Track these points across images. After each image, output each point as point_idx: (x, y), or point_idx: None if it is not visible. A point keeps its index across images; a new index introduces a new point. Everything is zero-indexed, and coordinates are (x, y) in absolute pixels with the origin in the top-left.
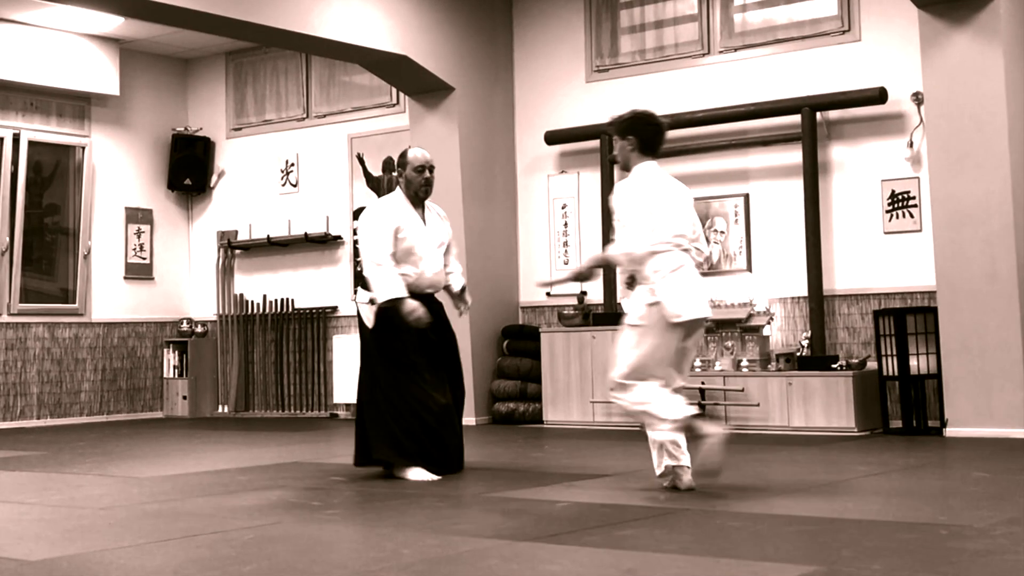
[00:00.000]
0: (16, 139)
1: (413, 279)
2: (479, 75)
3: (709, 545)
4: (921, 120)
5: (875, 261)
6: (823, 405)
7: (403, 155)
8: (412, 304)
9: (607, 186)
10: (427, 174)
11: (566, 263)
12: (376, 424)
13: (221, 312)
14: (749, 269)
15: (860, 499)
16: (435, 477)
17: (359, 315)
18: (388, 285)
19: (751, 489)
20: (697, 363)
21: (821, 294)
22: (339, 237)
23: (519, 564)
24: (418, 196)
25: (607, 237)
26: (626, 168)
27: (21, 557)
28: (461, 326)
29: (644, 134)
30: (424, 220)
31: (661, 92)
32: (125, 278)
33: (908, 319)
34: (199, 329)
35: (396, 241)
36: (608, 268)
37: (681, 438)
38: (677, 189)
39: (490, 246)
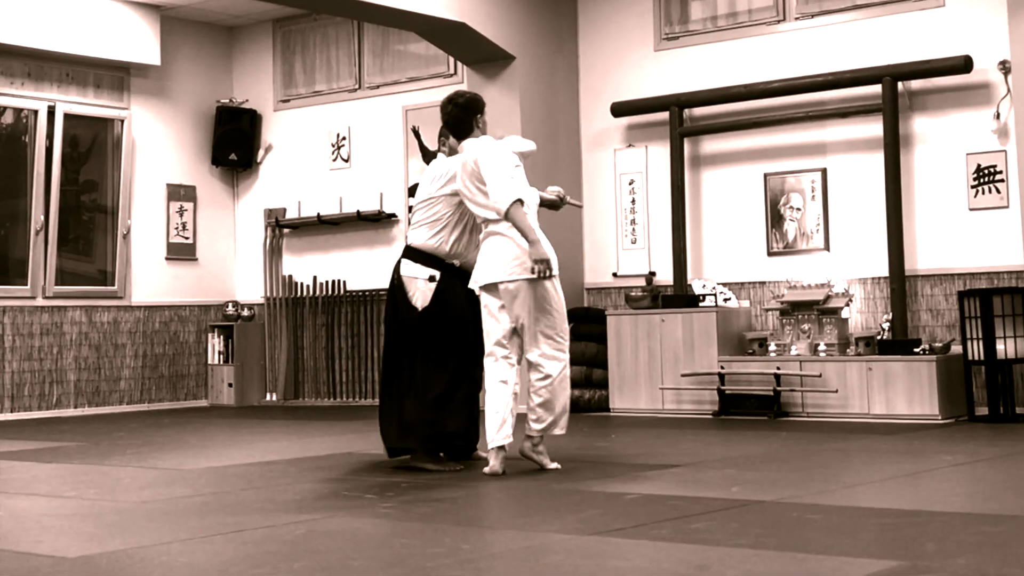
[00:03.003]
0: (51, 112)
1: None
2: (541, 43)
3: (785, 539)
4: (1008, 90)
5: (960, 239)
6: (905, 391)
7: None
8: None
9: (677, 160)
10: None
11: (634, 242)
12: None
13: (269, 295)
14: (827, 248)
15: (944, 490)
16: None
17: (400, 290)
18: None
19: (829, 480)
20: (772, 347)
21: (903, 274)
22: (393, 215)
23: (585, 559)
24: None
25: (677, 214)
26: None
27: (57, 553)
28: None
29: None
30: None
31: (734, 61)
32: (167, 259)
33: (995, 300)
34: (245, 313)
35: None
36: (678, 251)
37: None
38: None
39: (553, 224)
